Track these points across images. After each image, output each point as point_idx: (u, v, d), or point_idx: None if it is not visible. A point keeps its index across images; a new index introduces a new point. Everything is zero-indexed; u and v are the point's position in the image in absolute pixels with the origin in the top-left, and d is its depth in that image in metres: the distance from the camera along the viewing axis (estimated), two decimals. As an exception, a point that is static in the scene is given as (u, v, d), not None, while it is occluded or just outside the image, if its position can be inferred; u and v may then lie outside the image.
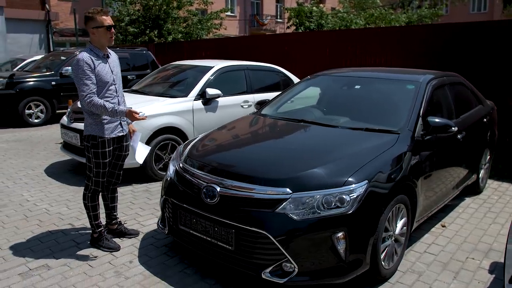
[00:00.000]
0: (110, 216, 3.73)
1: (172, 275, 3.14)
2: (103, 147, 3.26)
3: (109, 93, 3.25)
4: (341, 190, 2.65)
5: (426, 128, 3.48)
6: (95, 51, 3.22)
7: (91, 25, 3.18)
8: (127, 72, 9.95)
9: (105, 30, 3.18)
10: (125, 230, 3.76)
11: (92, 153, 3.27)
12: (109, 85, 3.24)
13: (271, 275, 2.65)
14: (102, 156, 3.27)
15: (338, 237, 2.60)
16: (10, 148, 7.20)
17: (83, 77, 3.10)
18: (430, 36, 6.98)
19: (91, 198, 3.42)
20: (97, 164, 3.30)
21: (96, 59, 3.19)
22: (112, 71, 3.29)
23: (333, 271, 2.68)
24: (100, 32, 3.18)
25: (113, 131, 3.32)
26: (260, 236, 2.64)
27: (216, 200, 2.83)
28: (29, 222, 4.07)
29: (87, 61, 3.11)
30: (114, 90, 3.29)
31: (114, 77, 3.30)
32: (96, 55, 3.21)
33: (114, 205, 3.72)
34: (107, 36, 3.20)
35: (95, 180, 3.35)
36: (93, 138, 3.25)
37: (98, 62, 3.18)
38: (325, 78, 4.72)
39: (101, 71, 3.18)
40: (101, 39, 3.20)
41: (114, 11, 17.96)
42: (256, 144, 3.58)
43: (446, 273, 3.25)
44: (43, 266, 3.24)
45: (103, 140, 3.25)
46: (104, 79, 3.20)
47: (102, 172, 3.33)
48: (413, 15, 19.20)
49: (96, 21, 3.16)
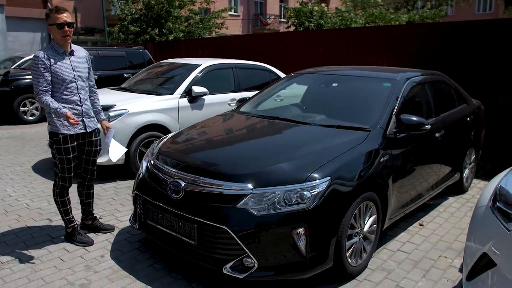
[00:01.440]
0: (85, 212, 3.75)
1: (140, 269, 3.16)
2: (65, 143, 3.26)
3: (69, 91, 3.23)
4: (303, 186, 2.65)
5: (399, 126, 3.47)
6: (55, 47, 3.21)
7: (48, 22, 3.18)
8: (123, 71, 9.99)
9: (57, 28, 3.13)
10: (100, 225, 3.78)
11: (55, 149, 3.29)
12: (68, 82, 3.22)
13: (232, 270, 2.66)
14: (64, 152, 3.28)
15: (298, 233, 2.60)
16: (2, 144, 7.27)
17: (36, 74, 3.10)
18: (422, 35, 6.95)
19: (60, 193, 3.43)
20: (61, 160, 3.31)
21: (55, 56, 3.17)
22: (73, 68, 3.26)
23: (295, 266, 2.68)
24: (53, 30, 3.15)
25: (74, 128, 3.29)
26: (221, 231, 2.65)
27: (181, 195, 2.84)
28: (8, 216, 4.11)
29: (42, 58, 3.10)
30: (75, 87, 3.26)
31: (76, 74, 3.27)
32: (55, 51, 3.19)
33: (89, 201, 3.73)
34: (60, 34, 3.14)
35: (61, 176, 3.36)
36: (55, 134, 3.26)
37: (56, 59, 3.16)
38: (308, 76, 4.72)
39: (58, 68, 3.16)
40: (57, 36, 3.17)
41: (116, 9, 18.09)
42: (225, 140, 3.60)
43: (416, 271, 3.24)
44: (15, 260, 3.27)
45: (65, 136, 3.25)
46: (61, 76, 3.17)
47: (67, 168, 3.34)
48: (415, 16, 19.11)
49: (50, 18, 3.15)
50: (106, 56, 9.96)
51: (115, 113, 5.07)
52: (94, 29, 21.52)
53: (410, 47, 7.05)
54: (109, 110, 5.05)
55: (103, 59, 9.84)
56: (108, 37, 18.61)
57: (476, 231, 2.35)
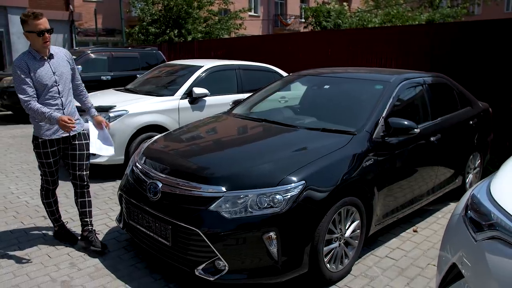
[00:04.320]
0: (82, 222, 3.50)
1: (122, 268, 3.20)
2: (44, 148, 3.23)
3: (50, 95, 3.15)
4: (275, 190, 2.62)
5: (387, 130, 3.39)
6: (32, 53, 3.11)
7: (25, 28, 3.04)
8: (136, 71, 10.13)
9: (36, 36, 3.02)
10: (93, 241, 3.42)
11: (35, 153, 3.30)
12: (50, 87, 3.14)
13: (204, 272, 2.66)
14: (44, 156, 3.26)
15: (270, 237, 2.57)
16: (14, 143, 7.50)
17: (19, 82, 3.03)
18: (430, 36, 6.79)
19: (45, 195, 3.49)
20: (41, 164, 3.32)
21: (33, 61, 3.08)
22: (54, 72, 3.16)
23: (268, 271, 2.65)
24: (32, 37, 3.04)
25: (55, 133, 3.21)
26: (193, 233, 2.65)
27: (158, 196, 2.86)
28: (7, 213, 4.23)
29: (21, 66, 3.02)
30: (56, 91, 3.18)
31: (57, 78, 3.17)
32: (33, 57, 3.10)
33: (84, 210, 3.48)
34: (40, 41, 3.04)
35: (44, 179, 3.41)
36: (35, 138, 3.25)
37: (35, 65, 3.07)
38: (304, 78, 4.67)
39: (38, 74, 3.07)
40: (35, 43, 3.07)
41: (137, 10, 18.41)
42: (207, 142, 3.60)
43: (400, 279, 3.16)
44: (4, 255, 3.36)
45: (44, 141, 3.21)
46: (42, 81, 3.09)
47: (48, 171, 3.35)
48: (435, 14, 18.64)
49: (28, 25, 3.01)
50: (120, 57, 10.13)
51: (115, 114, 5.15)
52: (114, 30, 21.94)
53: (418, 47, 6.90)
54: (110, 110, 5.14)
55: (116, 60, 10.02)
56: (128, 38, 18.94)
57: (448, 240, 2.27)
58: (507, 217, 1.87)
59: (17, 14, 15.94)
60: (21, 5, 16.11)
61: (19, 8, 16.08)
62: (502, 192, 2.04)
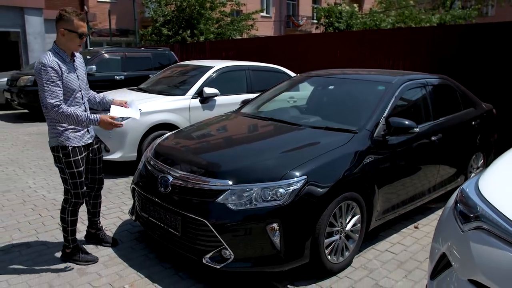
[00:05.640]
0: (91, 221, 3.57)
1: (134, 258, 3.39)
2: (74, 155, 3.01)
3: (76, 101, 3.03)
4: (278, 184, 2.79)
5: (388, 129, 3.53)
6: (61, 54, 2.94)
7: (64, 25, 2.88)
8: (149, 71, 10.37)
9: (77, 37, 2.93)
10: (102, 237, 3.57)
11: (64, 163, 3.02)
12: (76, 92, 3.02)
13: (211, 260, 2.83)
14: (75, 165, 3.02)
15: (272, 228, 2.74)
16: (31, 140, 7.79)
17: (50, 84, 2.81)
18: (437, 38, 6.89)
19: (72, 212, 3.14)
20: (72, 175, 3.03)
21: (62, 63, 2.91)
22: (78, 77, 3.04)
23: (271, 259, 2.81)
24: (70, 36, 2.91)
25: (82, 139, 3.09)
26: (201, 224, 2.83)
27: (169, 189, 3.05)
28: (25, 206, 4.46)
29: (54, 66, 2.83)
30: (80, 97, 3.08)
31: (80, 83, 3.07)
32: (62, 59, 2.92)
33: (95, 211, 3.52)
34: (77, 42, 2.96)
35: (74, 192, 3.07)
36: (63, 148, 2.99)
37: (64, 68, 2.91)
38: (311, 79, 4.83)
39: (68, 77, 2.93)
40: (70, 44, 2.95)
41: (150, 11, 18.72)
42: (215, 139, 3.78)
43: (399, 271, 3.30)
44: (24, 245, 3.58)
45: (73, 148, 3.01)
46: (71, 86, 2.95)
47: (79, 182, 3.07)
48: (446, 16, 18.59)
49: (71, 24, 2.89)
50: (133, 57, 10.39)
51: (128, 112, 5.35)
52: (128, 31, 22.34)
53: (425, 49, 7.01)
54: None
55: (129, 60, 10.28)
56: (141, 39, 19.26)
57: (439, 232, 2.41)
58: (491, 209, 2.01)
59: (33, 15, 16.40)
60: (37, 6, 16.51)
61: (35, 9, 16.51)
62: (488, 187, 2.18)
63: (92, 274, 3.14)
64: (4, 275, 3.10)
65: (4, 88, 10.73)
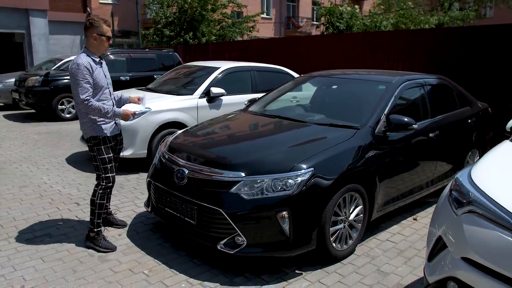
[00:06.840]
0: None
1: (151, 246, 3.61)
2: (104, 143, 3.46)
3: (104, 96, 3.44)
4: (288, 175, 3.02)
5: (389, 125, 3.76)
6: (91, 56, 3.39)
7: (94, 31, 3.37)
8: (153, 72, 10.60)
9: (106, 39, 3.42)
10: (113, 220, 3.97)
11: (96, 150, 3.45)
12: (104, 88, 3.44)
13: (225, 246, 3.06)
14: (106, 151, 3.46)
15: (282, 216, 2.96)
16: (41, 139, 8.01)
17: (83, 81, 3.25)
18: (435, 40, 7.13)
19: (102, 195, 3.53)
20: (103, 160, 3.46)
21: (94, 64, 3.36)
22: (105, 75, 3.48)
23: (281, 245, 3.04)
24: (101, 40, 3.40)
25: (110, 129, 3.51)
26: (216, 212, 3.05)
27: (185, 181, 3.27)
28: (42, 200, 4.68)
29: (87, 66, 3.28)
30: (108, 93, 3.49)
31: (108, 81, 3.51)
32: (93, 60, 3.37)
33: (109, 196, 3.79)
34: (106, 44, 3.43)
35: (105, 176, 3.50)
36: (94, 138, 3.43)
37: (95, 67, 3.36)
38: (314, 79, 5.06)
39: (98, 76, 3.36)
40: (101, 47, 3.43)
41: (152, 13, 18.96)
42: (226, 135, 4.02)
43: (399, 258, 3.53)
44: (46, 235, 3.81)
45: (104, 137, 3.45)
46: (100, 83, 3.38)
47: (110, 167, 3.50)
48: (444, 17, 18.85)
49: (101, 29, 3.39)
50: (138, 58, 10.62)
51: (139, 111, 5.57)
52: (130, 32, 22.58)
53: (424, 50, 7.24)
54: (134, 108, 5.56)
55: (134, 61, 10.51)
56: (143, 40, 19.49)
57: (436, 217, 2.64)
58: (482, 195, 2.25)
59: (38, 17, 16.65)
60: (41, 8, 16.77)
61: (40, 11, 16.76)
62: (480, 176, 2.43)
63: (113, 261, 3.37)
64: (30, 262, 3.32)
65: (12, 89, 10.96)
